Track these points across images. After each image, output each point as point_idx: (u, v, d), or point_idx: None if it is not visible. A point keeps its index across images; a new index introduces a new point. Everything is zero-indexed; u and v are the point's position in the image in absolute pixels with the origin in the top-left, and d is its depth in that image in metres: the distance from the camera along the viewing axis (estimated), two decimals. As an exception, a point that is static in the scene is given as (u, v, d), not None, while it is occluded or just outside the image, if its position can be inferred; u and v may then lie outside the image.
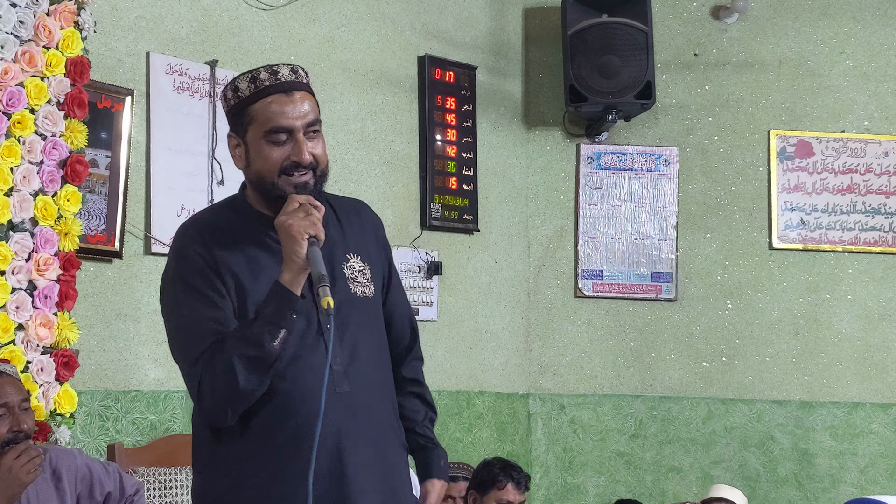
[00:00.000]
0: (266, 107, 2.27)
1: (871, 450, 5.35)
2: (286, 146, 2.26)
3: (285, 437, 2.23)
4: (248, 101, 2.28)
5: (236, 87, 2.29)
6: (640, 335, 5.48)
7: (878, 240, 5.46)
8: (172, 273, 2.29)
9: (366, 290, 2.38)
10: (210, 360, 2.19)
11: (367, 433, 2.30)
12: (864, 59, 5.56)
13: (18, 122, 3.36)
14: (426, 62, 5.14)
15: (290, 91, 2.32)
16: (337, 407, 2.23)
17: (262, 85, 2.29)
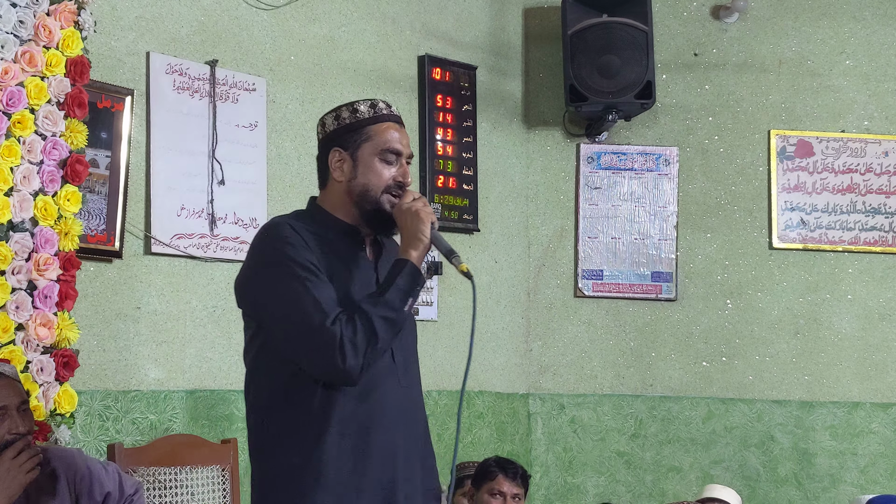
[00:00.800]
0: (384, 130, 2.58)
1: (871, 450, 5.35)
2: (393, 167, 2.57)
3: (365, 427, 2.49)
4: (366, 122, 2.58)
5: (354, 108, 2.59)
6: (640, 335, 5.48)
7: (878, 240, 5.46)
8: (279, 255, 2.48)
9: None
10: (350, 320, 2.40)
11: (416, 431, 2.59)
12: (864, 59, 5.56)
13: (18, 122, 3.36)
14: (426, 62, 5.14)
15: (401, 124, 2.64)
16: (401, 399, 2.54)
17: (381, 112, 2.60)
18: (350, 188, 2.58)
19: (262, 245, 2.57)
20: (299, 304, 2.43)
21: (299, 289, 2.43)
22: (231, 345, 4.35)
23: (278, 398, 2.49)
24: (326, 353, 2.39)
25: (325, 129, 2.62)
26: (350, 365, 2.39)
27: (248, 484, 4.20)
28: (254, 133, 4.48)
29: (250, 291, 2.59)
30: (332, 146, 2.59)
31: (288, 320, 2.45)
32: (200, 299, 4.26)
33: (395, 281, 2.46)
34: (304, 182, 4.66)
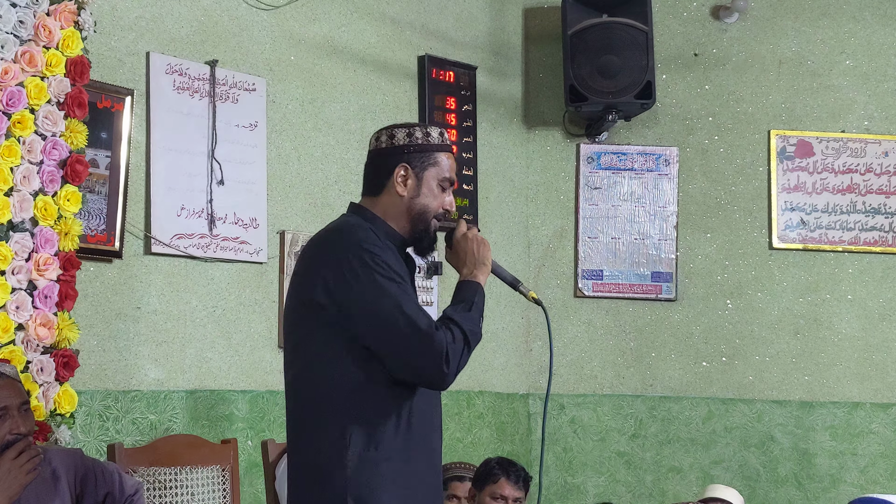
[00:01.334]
0: (445, 159, 2.75)
1: (871, 450, 5.35)
2: (445, 194, 2.75)
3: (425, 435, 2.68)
4: (436, 147, 2.74)
5: (428, 132, 2.74)
6: (640, 335, 5.48)
7: (878, 240, 5.46)
8: (375, 260, 2.57)
9: None
10: (448, 329, 2.56)
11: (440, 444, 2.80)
12: (864, 59, 5.56)
13: (18, 122, 3.35)
14: (426, 62, 5.14)
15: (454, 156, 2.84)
16: (438, 408, 2.75)
17: (446, 142, 2.79)
18: (410, 205, 2.71)
19: (353, 248, 2.60)
20: (404, 308, 2.53)
21: (401, 293, 2.55)
22: (231, 345, 4.35)
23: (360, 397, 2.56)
24: (432, 356, 2.52)
25: (392, 141, 2.75)
26: (450, 370, 2.54)
27: (248, 484, 4.22)
28: (254, 133, 4.48)
29: (344, 292, 2.56)
30: (401, 161, 2.71)
31: (394, 323, 2.53)
32: (200, 299, 4.26)
33: (473, 300, 2.65)
34: (303, 182, 4.67)
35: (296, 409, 2.65)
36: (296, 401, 2.65)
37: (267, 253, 4.47)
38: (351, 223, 2.69)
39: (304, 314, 2.61)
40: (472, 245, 2.74)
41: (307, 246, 2.72)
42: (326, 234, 2.69)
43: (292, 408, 2.66)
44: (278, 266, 4.52)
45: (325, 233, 2.70)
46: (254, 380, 4.41)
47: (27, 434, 2.94)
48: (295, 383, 2.65)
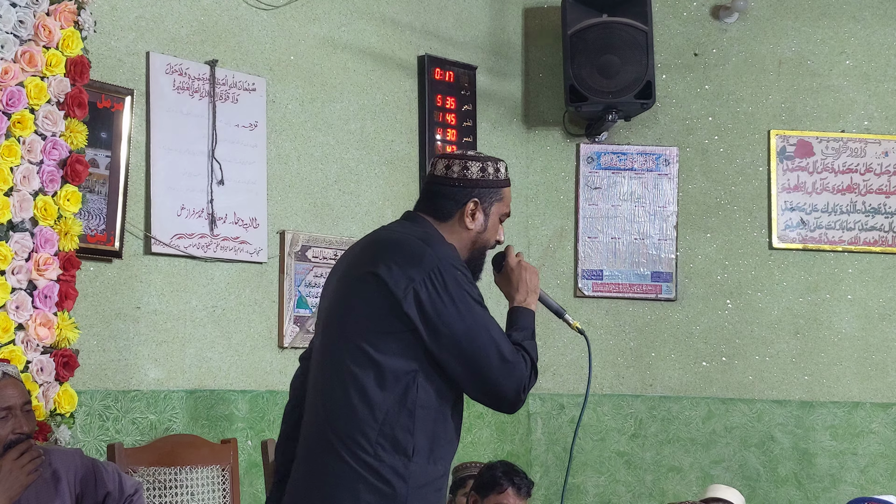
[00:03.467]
0: (508, 195, 2.80)
1: (871, 450, 5.35)
2: (501, 226, 2.81)
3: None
4: (503, 183, 2.77)
5: (498, 168, 2.76)
6: (640, 335, 5.48)
7: (878, 240, 5.46)
8: (466, 283, 2.63)
9: None
10: (526, 356, 2.64)
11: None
12: (864, 59, 5.56)
13: (18, 122, 3.36)
14: (426, 62, 5.14)
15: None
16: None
17: (508, 177, 2.81)
18: (476, 239, 2.75)
19: (446, 265, 2.58)
20: (493, 333, 2.58)
21: (489, 319, 2.60)
22: (231, 345, 4.35)
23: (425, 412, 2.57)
24: (515, 384, 2.58)
25: (466, 174, 2.71)
26: (524, 397, 2.63)
27: (248, 483, 4.22)
28: (254, 133, 4.48)
29: (436, 309, 2.53)
30: (473, 196, 2.71)
31: (483, 348, 2.56)
32: (200, 299, 4.26)
33: (532, 328, 2.73)
34: (303, 182, 4.67)
35: (345, 408, 2.53)
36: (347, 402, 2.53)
37: (267, 253, 4.47)
38: (437, 237, 2.67)
39: (386, 321, 2.53)
40: (525, 274, 2.82)
41: (381, 247, 2.62)
42: (411, 242, 2.59)
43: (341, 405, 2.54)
44: (278, 266, 4.52)
45: (409, 240, 2.60)
46: (254, 380, 4.41)
47: (29, 434, 2.94)
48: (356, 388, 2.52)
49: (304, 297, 4.58)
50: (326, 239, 4.69)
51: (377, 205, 4.92)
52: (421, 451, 2.53)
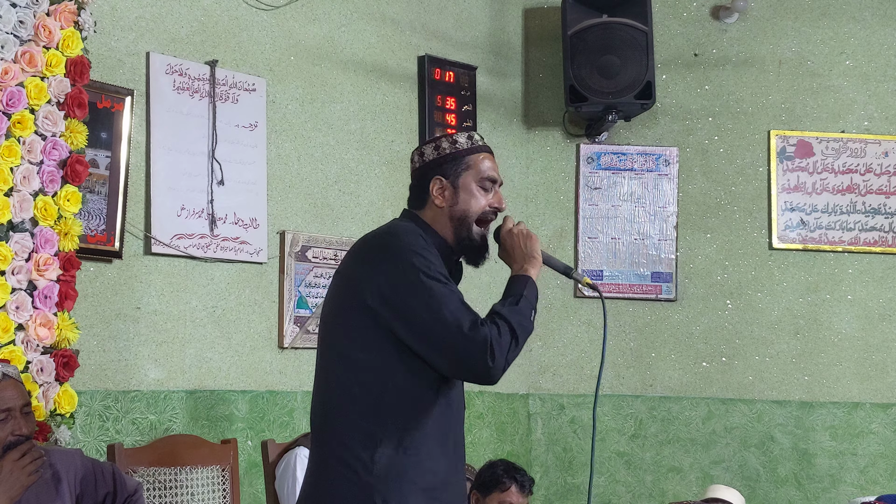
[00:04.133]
0: (481, 160, 2.82)
1: (871, 450, 5.35)
2: (490, 194, 2.80)
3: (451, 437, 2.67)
4: (465, 152, 2.80)
5: (454, 140, 2.80)
6: (640, 335, 5.48)
7: (878, 240, 5.46)
8: (424, 261, 2.61)
9: None
10: (493, 323, 2.55)
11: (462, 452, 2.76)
12: (864, 59, 5.56)
13: (18, 122, 3.36)
14: (426, 62, 5.14)
15: (492, 154, 2.88)
16: (460, 420, 2.72)
17: (477, 143, 2.84)
18: (452, 213, 2.77)
19: (403, 252, 2.63)
20: (449, 305, 2.54)
21: (446, 292, 2.55)
22: (231, 345, 4.35)
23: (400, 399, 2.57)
24: (478, 352, 2.51)
25: (423, 159, 2.82)
26: (496, 364, 2.52)
27: (248, 484, 4.22)
28: (254, 133, 4.48)
29: (395, 296, 2.57)
30: (433, 175, 2.78)
31: (439, 321, 2.52)
32: (200, 299, 4.26)
33: (523, 293, 2.65)
34: (303, 182, 4.66)
35: (329, 404, 2.62)
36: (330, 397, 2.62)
37: (267, 253, 4.47)
38: (402, 226, 2.75)
39: (354, 316, 2.59)
40: (519, 240, 2.83)
41: (357, 246, 2.74)
42: (377, 236, 2.73)
43: (326, 402, 2.63)
44: (278, 266, 4.52)
45: (376, 235, 2.74)
46: (254, 380, 4.41)
47: (29, 436, 2.94)
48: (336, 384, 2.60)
49: (304, 297, 4.58)
50: (326, 239, 4.69)
51: (377, 205, 4.92)
52: (389, 441, 2.53)
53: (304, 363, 4.56)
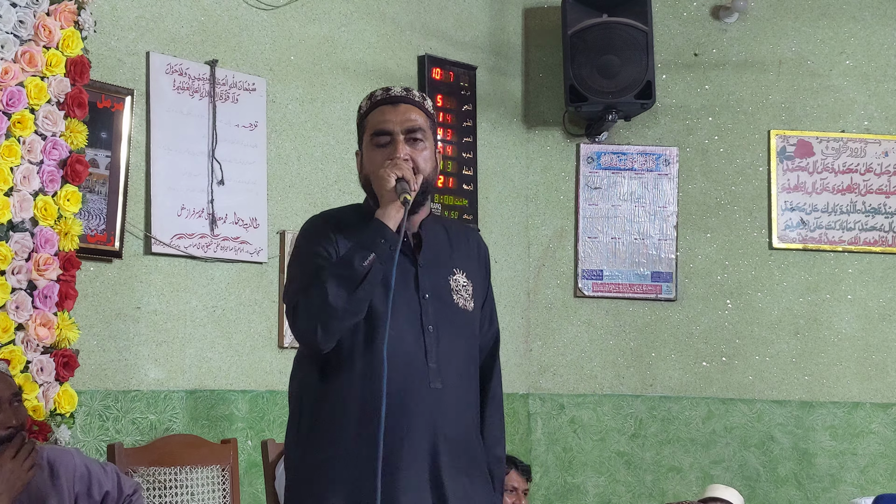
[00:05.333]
0: (374, 115, 2.59)
1: (871, 450, 5.35)
2: (388, 148, 2.55)
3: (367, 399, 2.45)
4: (365, 114, 2.62)
5: (360, 106, 2.64)
6: (640, 335, 5.48)
7: (878, 240, 5.46)
8: (297, 243, 2.59)
9: (467, 303, 2.63)
10: (307, 286, 2.43)
11: (456, 435, 2.53)
12: (864, 59, 5.56)
13: (18, 122, 3.36)
14: (426, 62, 5.14)
15: (397, 103, 2.59)
16: (430, 401, 2.48)
17: (376, 99, 2.62)
18: (365, 182, 2.64)
19: (298, 236, 2.67)
20: (292, 283, 2.53)
21: (299, 272, 2.51)
22: (231, 345, 4.35)
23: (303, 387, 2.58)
24: (289, 319, 2.46)
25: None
26: (301, 328, 2.42)
27: (248, 484, 4.22)
28: (254, 133, 4.48)
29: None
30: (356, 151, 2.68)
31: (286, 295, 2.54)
32: (200, 299, 4.26)
33: (358, 239, 2.46)
34: (303, 182, 4.66)
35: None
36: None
37: (267, 253, 4.47)
38: (324, 211, 2.74)
39: None
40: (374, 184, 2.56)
41: None
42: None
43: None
44: (278, 266, 4.52)
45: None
46: (254, 380, 4.41)
47: (19, 426, 2.93)
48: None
49: (304, 297, 4.58)
50: (326, 239, 4.69)
51: (377, 205, 4.92)
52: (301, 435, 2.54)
53: (304, 363, 4.56)
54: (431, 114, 2.65)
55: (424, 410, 2.47)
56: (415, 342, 2.50)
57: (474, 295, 2.64)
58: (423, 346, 2.49)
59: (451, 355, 2.55)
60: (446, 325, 2.56)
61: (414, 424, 2.46)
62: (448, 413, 2.51)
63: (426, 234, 2.64)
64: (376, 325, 2.46)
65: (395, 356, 2.42)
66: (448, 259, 2.64)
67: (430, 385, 2.49)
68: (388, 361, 2.38)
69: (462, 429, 2.57)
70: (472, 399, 2.62)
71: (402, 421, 2.44)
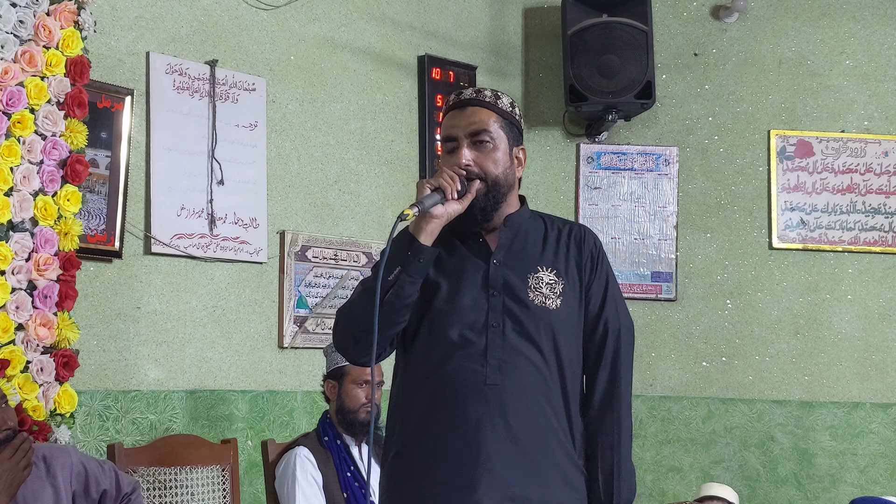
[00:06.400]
0: (445, 122, 2.57)
1: (871, 450, 5.35)
2: (452, 157, 2.52)
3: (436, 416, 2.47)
4: (442, 121, 2.59)
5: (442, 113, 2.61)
6: (640, 335, 5.41)
7: (878, 240, 5.46)
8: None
9: (548, 301, 2.53)
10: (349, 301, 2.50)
11: (510, 428, 2.44)
12: (864, 59, 5.56)
13: (18, 122, 3.36)
14: (426, 62, 5.14)
15: (465, 106, 2.56)
16: (484, 397, 2.43)
17: (448, 104, 2.60)
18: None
19: None
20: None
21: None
22: (231, 345, 4.35)
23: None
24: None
25: None
26: (336, 340, 2.50)
27: (248, 484, 4.22)
28: (254, 133, 4.48)
29: None
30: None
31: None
32: (200, 299, 4.26)
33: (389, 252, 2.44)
34: (303, 182, 4.67)
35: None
36: None
37: (267, 253, 4.47)
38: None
39: None
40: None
41: None
42: None
43: None
44: (278, 266, 4.52)
45: None
46: (254, 380, 4.41)
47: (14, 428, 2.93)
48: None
49: (304, 297, 4.58)
50: (326, 239, 4.69)
51: (377, 205, 4.92)
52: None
53: (304, 363, 4.56)
54: (506, 111, 2.58)
55: (479, 406, 2.43)
56: (477, 339, 2.47)
57: (563, 293, 2.55)
58: (484, 343, 2.46)
59: (519, 352, 2.47)
60: (515, 322, 2.49)
61: (469, 422, 2.43)
62: (506, 410, 2.44)
63: (508, 231, 2.58)
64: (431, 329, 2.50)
65: (454, 353, 2.46)
66: (535, 257, 2.58)
67: (486, 382, 2.44)
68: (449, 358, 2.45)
69: (522, 426, 2.46)
70: (550, 397, 2.50)
71: (458, 418, 2.44)
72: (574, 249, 2.62)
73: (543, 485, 2.46)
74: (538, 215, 2.66)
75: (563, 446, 2.51)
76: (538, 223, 2.64)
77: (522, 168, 2.61)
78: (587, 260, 2.62)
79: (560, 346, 2.53)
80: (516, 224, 2.59)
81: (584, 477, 2.54)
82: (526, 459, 2.44)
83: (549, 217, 2.68)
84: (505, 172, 2.54)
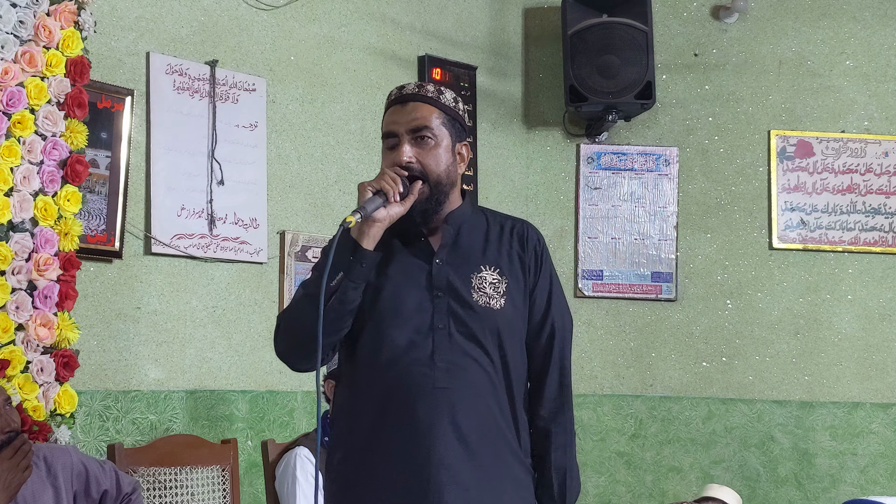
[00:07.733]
0: (386, 117, 2.50)
1: (871, 450, 5.35)
2: (392, 153, 2.46)
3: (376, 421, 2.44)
4: (383, 116, 2.52)
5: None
6: (640, 335, 5.48)
7: (878, 240, 5.46)
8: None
9: (492, 301, 2.50)
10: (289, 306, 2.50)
11: (460, 431, 2.41)
12: (864, 59, 5.56)
13: (18, 122, 3.36)
14: (426, 62, 5.14)
15: (406, 101, 2.48)
16: (434, 400, 2.40)
17: (389, 99, 2.51)
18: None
19: None
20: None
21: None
22: (231, 345, 4.35)
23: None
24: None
25: None
26: (278, 349, 2.56)
27: (248, 483, 4.22)
28: (254, 133, 4.48)
29: None
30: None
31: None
32: (200, 299, 4.26)
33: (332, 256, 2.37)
34: (303, 182, 4.67)
35: None
36: None
37: (267, 253, 4.47)
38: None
39: None
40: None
41: None
42: None
43: None
44: (278, 266, 4.52)
45: None
46: (254, 380, 4.41)
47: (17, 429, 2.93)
48: None
49: (304, 297, 4.58)
50: (326, 239, 4.68)
51: (377, 205, 4.92)
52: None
53: (304, 363, 4.55)
54: (449, 107, 2.50)
55: (430, 410, 2.40)
56: (424, 342, 2.43)
57: (508, 292, 2.51)
58: (431, 346, 2.42)
59: (466, 354, 2.45)
60: (461, 324, 2.45)
61: (420, 425, 2.39)
62: (456, 413, 2.41)
63: (450, 229, 2.53)
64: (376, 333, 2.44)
65: (402, 357, 2.41)
66: (477, 255, 2.53)
67: (435, 385, 2.40)
68: (396, 361, 2.41)
69: (473, 429, 2.44)
70: (497, 398, 2.50)
71: (408, 421, 2.39)
72: (517, 246, 2.58)
73: (496, 490, 2.45)
74: (480, 211, 2.61)
75: (510, 446, 2.52)
76: (480, 219, 2.59)
77: (465, 164, 2.55)
78: (531, 258, 2.59)
79: (505, 347, 2.51)
80: (458, 222, 2.53)
81: (531, 476, 2.57)
82: (476, 462, 2.42)
83: (492, 213, 2.63)
84: (447, 170, 2.48)
